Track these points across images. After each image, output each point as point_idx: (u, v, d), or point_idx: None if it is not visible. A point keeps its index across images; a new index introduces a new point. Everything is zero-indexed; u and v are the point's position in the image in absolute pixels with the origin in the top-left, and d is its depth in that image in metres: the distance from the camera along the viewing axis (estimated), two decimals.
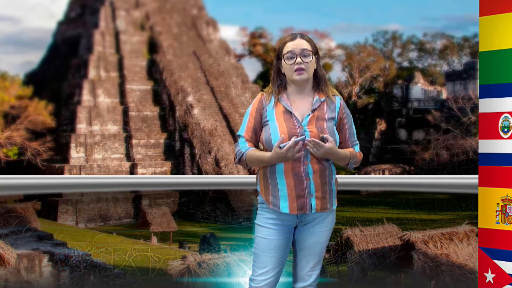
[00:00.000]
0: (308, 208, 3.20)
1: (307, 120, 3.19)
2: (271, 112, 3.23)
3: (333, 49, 42.47)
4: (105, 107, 29.67)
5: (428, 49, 42.99)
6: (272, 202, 3.24)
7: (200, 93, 31.35)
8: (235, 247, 9.52)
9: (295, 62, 3.17)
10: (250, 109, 3.31)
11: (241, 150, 3.27)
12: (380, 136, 34.39)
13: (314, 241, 3.31)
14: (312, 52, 3.20)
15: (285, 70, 3.22)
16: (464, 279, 7.53)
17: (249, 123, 3.28)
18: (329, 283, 8.27)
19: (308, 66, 3.19)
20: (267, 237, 3.26)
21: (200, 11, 37.04)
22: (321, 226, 3.30)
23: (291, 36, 3.25)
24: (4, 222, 9.67)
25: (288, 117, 3.19)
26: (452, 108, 30.08)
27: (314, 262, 3.34)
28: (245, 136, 3.28)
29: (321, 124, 3.20)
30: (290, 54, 3.18)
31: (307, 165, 3.16)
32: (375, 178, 15.72)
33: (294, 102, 3.24)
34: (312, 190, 3.19)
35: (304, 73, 3.18)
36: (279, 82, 3.28)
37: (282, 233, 3.27)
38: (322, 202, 3.22)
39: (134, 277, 8.02)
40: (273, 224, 3.26)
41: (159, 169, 28.70)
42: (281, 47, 3.24)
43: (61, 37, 35.10)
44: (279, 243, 3.26)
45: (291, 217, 3.25)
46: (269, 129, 3.20)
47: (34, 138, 26.78)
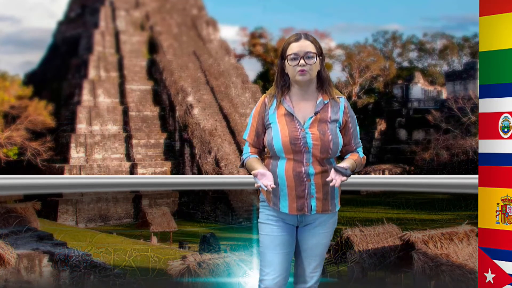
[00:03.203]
0: (308, 209, 3.20)
1: (309, 122, 3.18)
2: (273, 115, 3.22)
3: (333, 49, 42.48)
4: (105, 107, 29.67)
5: (428, 49, 42.99)
6: (273, 201, 3.25)
7: (200, 93, 31.35)
8: (235, 247, 9.51)
9: (298, 64, 3.15)
10: (253, 112, 3.31)
11: (243, 156, 3.32)
12: (380, 136, 34.39)
13: (316, 243, 3.30)
14: (316, 54, 3.18)
15: (288, 70, 3.21)
16: (464, 279, 7.53)
17: (252, 127, 3.30)
18: (329, 283, 8.27)
19: (311, 68, 3.17)
20: (270, 234, 3.26)
21: (200, 11, 37.04)
22: (323, 227, 3.29)
23: (296, 36, 3.21)
24: (4, 222, 9.67)
25: (289, 119, 3.18)
26: (452, 108, 30.08)
27: (316, 263, 3.34)
28: (248, 140, 3.32)
29: (323, 127, 3.18)
30: (294, 56, 3.16)
31: (308, 166, 3.15)
32: (375, 178, 15.73)
33: (297, 104, 3.23)
34: (312, 191, 3.18)
35: (307, 74, 3.17)
36: (282, 82, 3.26)
37: (284, 229, 3.26)
38: (323, 203, 3.21)
39: (134, 277, 8.02)
40: (275, 220, 3.26)
41: (159, 169, 28.70)
42: (285, 47, 3.21)
43: (61, 37, 35.10)
44: (283, 239, 3.26)
45: (291, 217, 3.25)
46: (272, 132, 3.20)
47: (34, 138, 26.77)
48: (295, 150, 3.14)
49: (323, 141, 3.15)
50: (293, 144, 3.14)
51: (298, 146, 3.14)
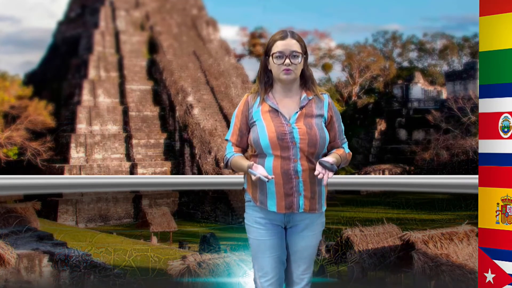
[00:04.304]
0: (296, 207, 3.17)
1: (295, 117, 3.16)
2: (257, 112, 3.20)
3: (333, 49, 42.49)
4: (105, 107, 29.67)
5: (428, 49, 42.98)
6: (260, 199, 3.21)
7: (200, 93, 31.35)
8: (235, 247, 9.51)
9: (283, 63, 3.14)
10: (236, 111, 3.28)
11: (227, 155, 3.28)
12: (380, 136, 34.37)
13: (304, 245, 3.27)
14: (301, 53, 3.17)
15: (273, 68, 3.19)
16: (464, 279, 7.53)
17: (235, 127, 3.27)
18: (329, 283, 8.28)
19: (296, 67, 3.16)
20: (259, 238, 3.24)
21: (200, 11, 37.05)
22: (311, 229, 3.26)
23: (282, 34, 3.19)
24: (4, 222, 9.67)
25: (274, 115, 3.16)
26: (452, 108, 30.07)
27: (305, 265, 3.31)
28: (231, 140, 3.28)
29: (309, 121, 3.16)
30: (279, 54, 3.14)
31: (296, 163, 3.12)
32: (375, 178, 15.74)
33: (281, 100, 3.21)
34: (300, 189, 3.15)
35: (292, 73, 3.16)
36: (265, 79, 3.24)
37: (273, 232, 3.23)
38: (310, 202, 3.18)
39: (134, 277, 8.02)
40: (262, 224, 3.23)
41: (159, 169, 28.70)
42: (271, 44, 3.19)
43: (61, 37, 35.10)
44: (272, 243, 3.23)
45: (278, 216, 3.21)
46: (257, 129, 3.17)
47: (34, 138, 26.77)
48: (283, 145, 3.10)
49: (310, 136, 3.12)
50: (280, 140, 3.10)
51: (286, 142, 3.11)
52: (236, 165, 3.23)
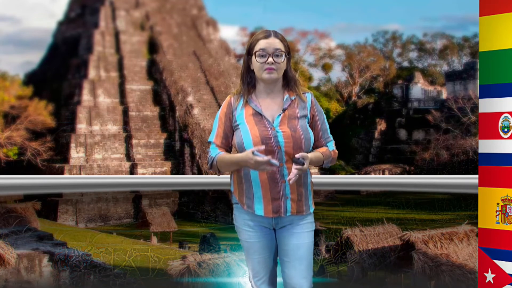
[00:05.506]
0: (284, 211, 3.13)
1: (278, 120, 3.12)
2: (241, 115, 3.15)
3: (333, 49, 42.50)
4: (105, 107, 29.66)
5: (428, 49, 42.99)
6: (247, 204, 3.20)
7: (200, 93, 31.36)
8: (235, 247, 9.51)
9: (266, 62, 3.09)
10: (219, 113, 3.23)
11: (211, 155, 3.23)
12: (380, 136, 34.36)
13: (296, 243, 3.20)
14: (284, 52, 3.12)
15: (255, 67, 3.14)
16: (464, 279, 7.53)
17: (219, 129, 3.22)
18: (329, 283, 8.28)
19: (279, 66, 3.11)
20: (248, 240, 3.24)
21: (200, 11, 37.04)
22: (301, 227, 3.20)
23: (265, 33, 3.15)
24: (4, 222, 9.67)
25: (258, 119, 3.12)
26: (452, 108, 30.06)
27: (302, 267, 3.19)
28: (216, 142, 3.23)
29: (293, 123, 3.12)
30: (262, 52, 3.10)
31: (282, 166, 3.08)
32: (375, 178, 15.74)
33: (264, 101, 3.17)
34: (287, 193, 3.12)
35: (274, 73, 3.11)
36: (248, 79, 3.19)
37: (262, 234, 3.22)
38: (297, 205, 3.15)
39: (134, 277, 8.02)
40: (251, 226, 3.21)
41: (159, 169, 28.70)
42: (253, 43, 3.14)
43: (61, 37, 35.10)
44: (261, 245, 3.22)
45: (266, 220, 3.18)
46: (241, 133, 3.13)
47: (34, 138, 26.76)
48: (267, 150, 3.04)
49: (295, 138, 3.08)
50: (265, 144, 3.05)
51: (270, 146, 3.06)
52: (224, 161, 3.17)
